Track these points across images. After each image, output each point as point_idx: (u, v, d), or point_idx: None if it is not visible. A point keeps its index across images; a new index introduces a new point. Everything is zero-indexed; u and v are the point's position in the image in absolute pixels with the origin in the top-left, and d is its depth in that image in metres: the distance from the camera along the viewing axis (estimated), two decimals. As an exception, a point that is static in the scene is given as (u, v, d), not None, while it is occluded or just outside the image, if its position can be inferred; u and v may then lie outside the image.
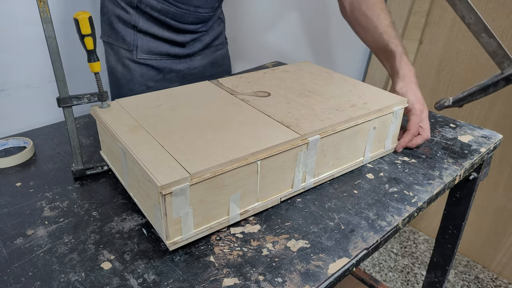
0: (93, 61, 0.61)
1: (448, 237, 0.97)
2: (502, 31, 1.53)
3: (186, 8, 0.88)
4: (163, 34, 0.91)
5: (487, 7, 1.56)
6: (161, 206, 0.48)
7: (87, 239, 0.55)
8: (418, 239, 1.86)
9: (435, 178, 0.69)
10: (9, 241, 0.54)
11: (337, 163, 0.67)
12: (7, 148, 0.77)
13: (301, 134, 0.59)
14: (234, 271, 0.49)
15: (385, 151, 0.75)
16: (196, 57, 1.00)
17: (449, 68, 1.70)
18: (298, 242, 0.54)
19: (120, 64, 0.93)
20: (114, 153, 0.63)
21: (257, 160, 0.54)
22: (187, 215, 0.51)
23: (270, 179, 0.58)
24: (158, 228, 0.53)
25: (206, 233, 0.54)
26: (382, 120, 0.70)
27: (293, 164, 0.60)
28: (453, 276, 1.66)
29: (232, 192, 0.54)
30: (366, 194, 0.64)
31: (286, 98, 0.71)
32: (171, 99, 0.70)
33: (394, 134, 0.75)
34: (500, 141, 0.84)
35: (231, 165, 0.52)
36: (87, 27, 0.57)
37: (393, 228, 0.58)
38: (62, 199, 0.63)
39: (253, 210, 0.58)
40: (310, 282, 0.48)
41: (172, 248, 0.51)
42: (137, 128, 0.59)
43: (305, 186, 0.64)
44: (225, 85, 0.77)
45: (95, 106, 0.66)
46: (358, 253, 0.53)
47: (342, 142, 0.65)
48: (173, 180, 0.47)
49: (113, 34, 0.92)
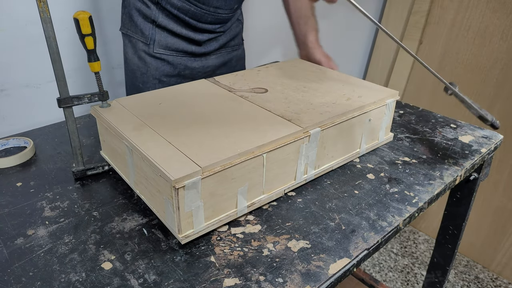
0: (93, 61, 0.61)
1: (448, 237, 0.97)
2: (502, 31, 1.53)
3: (206, 8, 0.89)
4: (181, 32, 0.91)
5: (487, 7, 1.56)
6: (174, 200, 0.49)
7: (87, 239, 0.55)
8: (418, 239, 1.86)
9: (435, 179, 0.69)
10: (10, 241, 0.54)
11: (336, 155, 0.69)
12: (8, 148, 0.77)
13: (303, 127, 0.60)
14: (234, 271, 0.49)
15: (379, 142, 0.78)
16: (211, 56, 1.00)
17: (449, 68, 1.70)
18: (298, 242, 0.54)
19: (137, 57, 0.94)
20: (118, 151, 0.63)
21: (263, 153, 0.56)
22: (199, 208, 0.52)
23: (275, 172, 0.60)
24: (169, 223, 0.53)
25: (216, 225, 0.56)
26: (376, 113, 0.73)
27: (295, 157, 0.62)
28: (453, 276, 1.67)
29: (240, 185, 0.56)
30: (366, 194, 0.64)
31: (284, 94, 0.73)
32: (170, 98, 0.70)
33: (387, 126, 0.78)
34: (501, 141, 0.84)
35: (239, 158, 0.53)
36: (87, 27, 0.57)
37: (394, 228, 0.57)
38: (62, 199, 0.63)
39: (259, 203, 0.60)
40: (311, 283, 0.48)
41: (184, 241, 0.52)
42: (141, 126, 0.60)
43: (307, 178, 0.66)
44: (222, 83, 0.78)
45: (96, 106, 0.66)
46: (359, 254, 0.53)
47: (340, 134, 0.68)
48: (186, 174, 0.48)
49: (132, 26, 0.93)
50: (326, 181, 0.67)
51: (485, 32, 1.58)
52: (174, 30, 0.91)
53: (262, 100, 0.70)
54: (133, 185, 0.62)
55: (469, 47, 1.63)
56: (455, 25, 1.66)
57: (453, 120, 0.91)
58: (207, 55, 0.99)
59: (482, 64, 1.60)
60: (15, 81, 0.94)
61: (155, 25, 0.91)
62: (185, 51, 0.94)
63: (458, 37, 1.66)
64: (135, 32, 0.93)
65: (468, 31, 1.63)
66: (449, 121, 0.91)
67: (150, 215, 0.59)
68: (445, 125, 0.89)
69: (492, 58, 1.56)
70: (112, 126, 0.60)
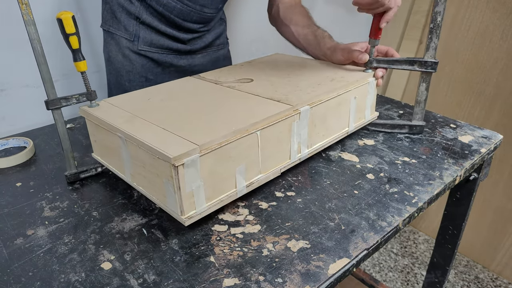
0: (79, 60, 0.60)
1: (448, 237, 0.97)
2: (502, 31, 1.53)
3: (192, 6, 0.89)
4: (165, 30, 0.91)
5: (487, 7, 1.56)
6: (174, 180, 0.50)
7: (87, 239, 0.55)
8: (418, 239, 1.86)
9: (435, 179, 0.69)
10: (9, 241, 0.54)
11: (326, 133, 0.73)
12: (7, 148, 0.77)
13: (292, 105, 0.63)
14: (234, 272, 0.49)
15: (366, 121, 0.82)
16: (197, 55, 1.00)
17: (449, 68, 1.70)
18: (298, 242, 0.54)
19: (121, 54, 0.92)
20: (111, 148, 0.62)
21: (256, 130, 0.58)
22: (199, 188, 0.53)
23: (270, 150, 0.62)
24: (171, 207, 0.54)
25: (217, 206, 0.57)
26: (361, 90, 0.76)
27: (288, 135, 0.64)
28: (453, 276, 1.67)
29: (238, 164, 0.57)
30: (366, 194, 0.64)
31: (269, 81, 0.75)
32: (159, 93, 0.71)
33: (372, 104, 0.81)
34: (501, 141, 0.84)
35: (234, 136, 0.55)
36: (71, 27, 0.57)
37: (394, 228, 0.57)
38: (62, 199, 0.63)
39: (257, 182, 0.62)
40: (311, 283, 0.48)
41: (187, 223, 0.53)
42: (133, 118, 0.60)
43: (301, 157, 0.69)
44: (208, 78, 0.79)
45: (84, 106, 0.65)
46: (359, 254, 0.52)
47: (329, 112, 0.71)
48: (184, 152, 0.49)
49: (115, 23, 0.91)
50: (326, 181, 0.67)
51: (485, 32, 1.58)
52: (158, 28, 0.90)
53: (249, 88, 0.72)
54: (129, 179, 0.62)
55: (469, 47, 1.63)
56: (455, 25, 1.66)
57: (452, 120, 0.91)
58: (193, 53, 0.99)
59: (482, 64, 1.60)
60: (15, 81, 0.94)
61: (139, 22, 0.90)
62: (171, 48, 0.94)
63: (458, 37, 1.66)
64: (117, 29, 0.91)
65: (468, 31, 1.63)
66: (448, 121, 0.91)
67: (150, 215, 0.59)
68: (444, 125, 0.89)
69: (492, 58, 1.56)
70: (104, 121, 0.60)
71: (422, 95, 0.79)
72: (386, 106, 0.97)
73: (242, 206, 0.61)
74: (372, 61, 0.79)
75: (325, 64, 0.86)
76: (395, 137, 0.83)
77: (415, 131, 0.83)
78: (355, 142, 0.80)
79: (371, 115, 0.83)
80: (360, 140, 0.81)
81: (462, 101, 1.68)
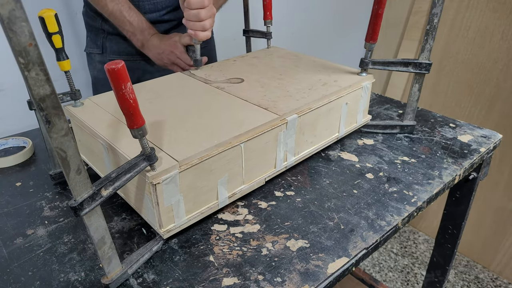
0: (62, 60, 0.59)
1: (448, 237, 0.97)
2: (502, 31, 1.53)
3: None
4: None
5: (487, 7, 1.56)
6: (152, 196, 0.48)
7: (86, 239, 0.55)
8: (418, 239, 1.86)
9: (434, 178, 0.69)
10: (9, 240, 0.54)
11: (315, 140, 0.70)
12: (7, 148, 0.77)
13: (279, 115, 0.61)
14: (233, 271, 0.49)
15: (358, 125, 0.79)
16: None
17: (449, 68, 1.70)
18: (297, 241, 0.54)
19: (97, 70, 0.95)
20: (94, 151, 0.62)
21: (240, 143, 0.56)
22: (178, 202, 0.52)
23: (254, 161, 0.60)
24: (150, 219, 0.53)
25: (197, 218, 0.55)
26: (353, 96, 0.74)
27: (274, 145, 0.62)
28: (453, 276, 1.66)
29: (220, 176, 0.56)
30: (365, 193, 0.64)
31: (260, 82, 0.74)
32: (145, 92, 0.70)
33: (365, 109, 0.79)
34: (500, 141, 0.84)
35: (216, 150, 0.53)
36: (53, 25, 0.55)
37: (393, 227, 0.57)
38: (62, 198, 0.63)
39: (240, 193, 0.60)
40: (310, 282, 0.48)
41: (166, 236, 0.52)
42: (116, 123, 0.59)
43: (287, 165, 0.67)
44: (198, 75, 0.78)
45: (69, 106, 0.65)
46: (358, 253, 0.53)
47: (318, 119, 0.68)
48: (163, 169, 0.48)
49: (90, 42, 0.95)
50: (325, 180, 0.67)
51: (485, 32, 1.58)
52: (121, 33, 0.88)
53: (238, 90, 0.70)
54: None
55: (469, 47, 1.63)
56: (455, 25, 1.66)
57: (452, 120, 0.91)
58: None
59: (482, 64, 1.60)
60: (13, 81, 0.94)
61: (106, 34, 0.92)
62: (140, 54, 0.91)
63: (458, 37, 1.66)
64: (91, 47, 0.94)
65: (468, 31, 1.63)
66: (448, 121, 0.91)
67: (149, 215, 0.59)
68: (444, 125, 0.89)
69: (492, 58, 1.56)
70: (86, 126, 0.59)
71: (414, 95, 0.80)
72: (385, 106, 0.97)
73: (242, 206, 0.61)
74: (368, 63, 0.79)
75: (319, 64, 0.83)
76: (395, 136, 0.83)
77: (406, 131, 0.83)
78: (354, 142, 0.80)
79: (364, 118, 0.80)
80: (359, 139, 0.81)
81: (462, 101, 1.68)
